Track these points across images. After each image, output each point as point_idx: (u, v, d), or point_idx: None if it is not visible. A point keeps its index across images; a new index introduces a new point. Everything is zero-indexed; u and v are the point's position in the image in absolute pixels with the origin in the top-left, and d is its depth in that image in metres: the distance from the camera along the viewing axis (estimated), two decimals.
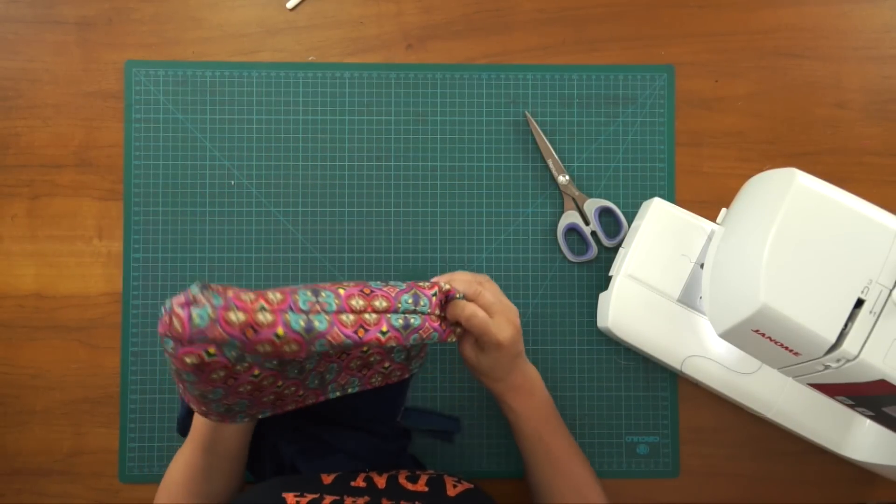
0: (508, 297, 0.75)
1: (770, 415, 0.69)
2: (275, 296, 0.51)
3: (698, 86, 0.77)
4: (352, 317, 0.54)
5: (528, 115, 0.76)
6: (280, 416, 0.68)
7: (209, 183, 0.75)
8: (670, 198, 0.76)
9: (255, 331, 0.50)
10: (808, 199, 0.54)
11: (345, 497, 0.55)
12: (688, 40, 0.78)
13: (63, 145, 0.76)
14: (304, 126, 0.76)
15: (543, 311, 0.76)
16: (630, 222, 0.75)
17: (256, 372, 0.54)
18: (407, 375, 0.65)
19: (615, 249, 0.75)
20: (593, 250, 0.75)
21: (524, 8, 0.78)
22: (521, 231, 0.76)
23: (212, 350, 0.50)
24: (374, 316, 0.55)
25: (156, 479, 0.73)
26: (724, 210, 0.68)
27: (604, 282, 0.75)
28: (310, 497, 0.54)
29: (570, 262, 0.76)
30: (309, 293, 0.53)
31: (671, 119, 0.77)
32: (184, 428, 0.67)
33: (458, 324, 0.60)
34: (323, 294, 0.53)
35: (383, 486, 0.58)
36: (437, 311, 0.59)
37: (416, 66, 0.77)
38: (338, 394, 0.63)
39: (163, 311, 0.49)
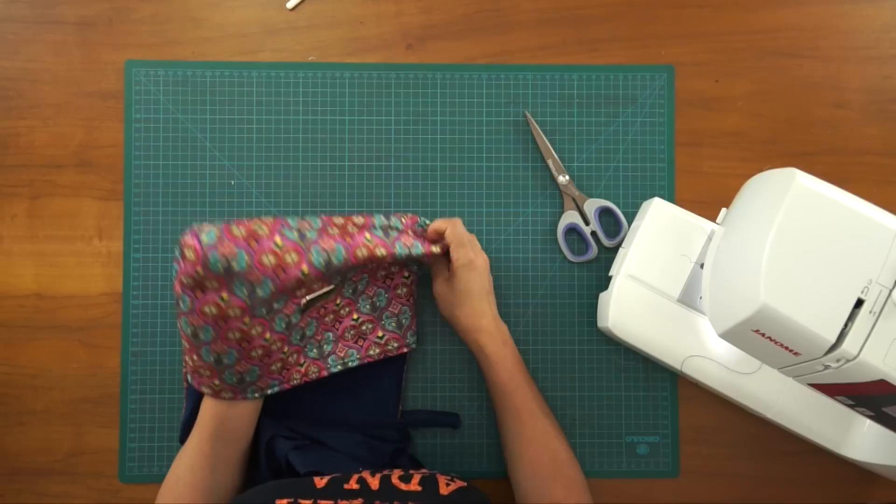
0: (508, 296, 0.75)
1: (770, 415, 0.69)
2: (266, 220, 0.60)
3: (698, 86, 0.77)
4: (336, 229, 0.63)
5: (528, 115, 0.76)
6: (275, 417, 0.68)
7: (209, 183, 0.75)
8: (670, 198, 0.76)
9: (257, 241, 0.57)
10: (808, 199, 0.54)
11: (338, 500, 0.55)
12: (688, 40, 0.78)
13: (63, 145, 0.76)
14: (304, 126, 0.76)
15: (543, 311, 0.76)
16: (630, 222, 0.75)
17: (268, 336, 0.61)
18: (404, 350, 0.70)
19: (615, 249, 0.75)
20: (593, 250, 0.75)
21: (524, 8, 0.78)
22: (521, 231, 0.76)
23: (225, 295, 0.56)
24: (355, 228, 0.64)
25: (156, 479, 0.73)
26: (724, 210, 0.68)
27: (604, 282, 0.75)
28: (303, 502, 0.54)
29: (570, 262, 0.76)
30: (294, 218, 0.62)
31: (671, 119, 0.77)
32: (186, 435, 0.68)
33: (435, 242, 0.69)
34: (307, 217, 0.63)
35: (377, 487, 0.58)
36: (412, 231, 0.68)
37: (416, 66, 0.77)
38: (339, 367, 0.68)
39: (176, 263, 0.56)
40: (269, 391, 0.66)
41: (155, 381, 0.74)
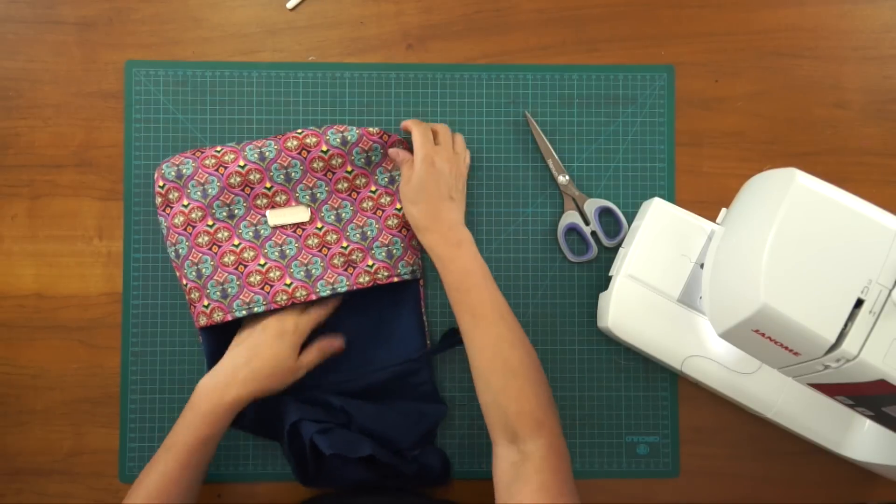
0: (509, 297, 0.75)
1: (770, 415, 0.69)
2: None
3: (698, 86, 0.78)
4: (295, 142, 0.71)
5: (528, 115, 0.76)
6: (305, 389, 0.70)
7: None
8: (670, 198, 0.76)
9: (201, 151, 0.71)
10: (808, 199, 0.54)
11: None
12: (688, 40, 0.78)
13: (63, 145, 0.76)
14: (304, 126, 0.76)
15: (543, 311, 0.76)
16: (630, 222, 0.75)
17: (236, 241, 0.70)
18: (394, 279, 0.72)
19: (615, 249, 0.75)
20: (593, 250, 0.75)
21: (524, 8, 0.78)
22: (521, 231, 0.76)
23: (185, 202, 0.70)
24: (313, 139, 0.71)
25: None
26: (724, 210, 0.68)
27: (604, 282, 0.75)
28: None
29: (570, 262, 0.76)
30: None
31: (671, 119, 0.77)
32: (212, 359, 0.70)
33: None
34: (266, 143, 0.72)
35: None
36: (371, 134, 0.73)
37: (416, 66, 0.77)
38: (328, 291, 0.70)
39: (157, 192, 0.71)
40: (256, 308, 0.69)
41: (155, 381, 0.74)
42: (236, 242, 0.70)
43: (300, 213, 0.72)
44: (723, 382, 0.69)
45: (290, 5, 0.77)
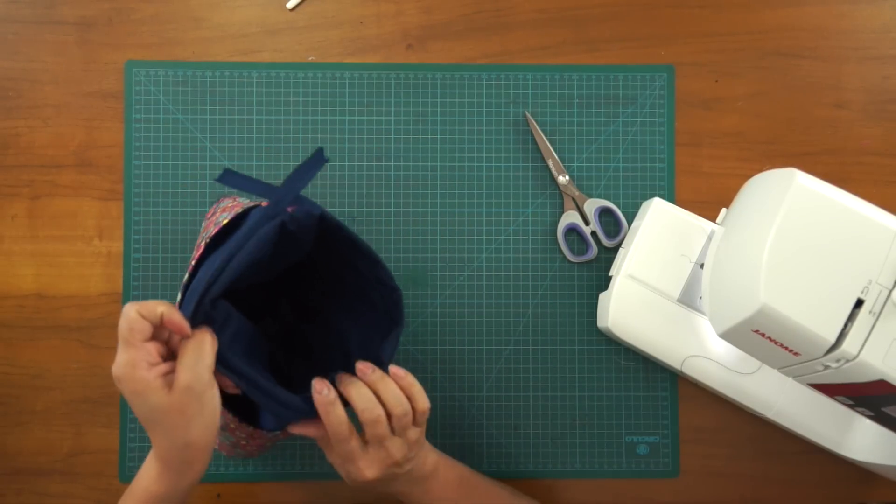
0: (509, 296, 0.75)
1: (770, 415, 0.69)
2: None
3: (698, 86, 0.77)
4: None
5: (528, 115, 0.76)
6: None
7: (209, 183, 0.75)
8: (670, 198, 0.76)
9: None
10: (808, 199, 0.54)
11: None
12: (688, 40, 0.78)
13: (63, 145, 0.76)
14: (304, 126, 0.76)
15: (543, 311, 0.76)
16: (630, 222, 0.75)
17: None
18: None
19: (615, 249, 0.75)
20: (593, 250, 0.75)
21: (524, 8, 0.78)
22: (521, 231, 0.76)
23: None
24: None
25: None
26: (724, 210, 0.68)
27: (604, 282, 0.75)
28: None
29: (570, 262, 0.76)
30: None
31: (671, 119, 0.77)
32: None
33: None
34: None
35: None
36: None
37: (416, 66, 0.77)
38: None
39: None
40: None
41: None
42: None
43: None
44: (723, 382, 0.69)
45: (290, 5, 0.77)
